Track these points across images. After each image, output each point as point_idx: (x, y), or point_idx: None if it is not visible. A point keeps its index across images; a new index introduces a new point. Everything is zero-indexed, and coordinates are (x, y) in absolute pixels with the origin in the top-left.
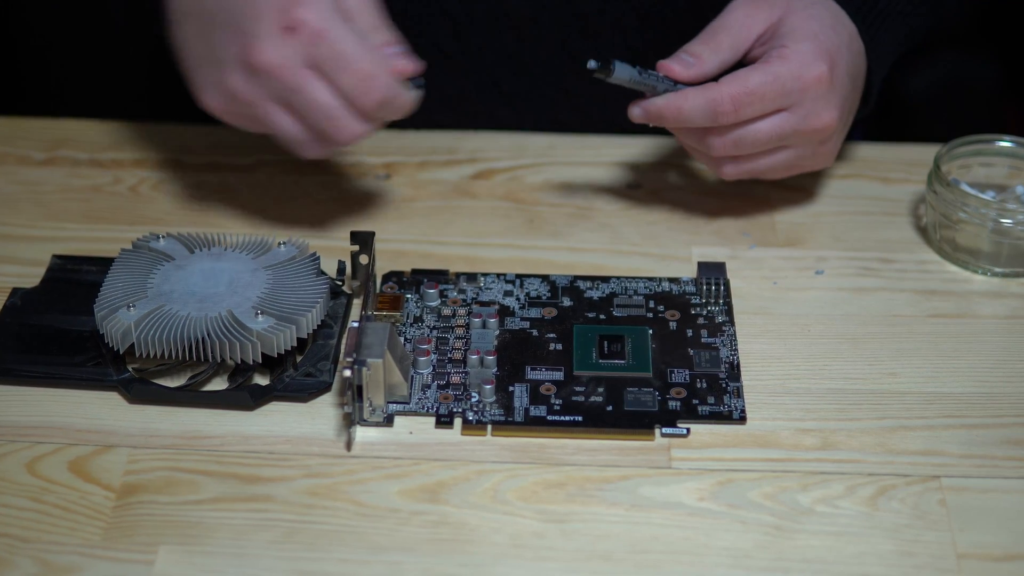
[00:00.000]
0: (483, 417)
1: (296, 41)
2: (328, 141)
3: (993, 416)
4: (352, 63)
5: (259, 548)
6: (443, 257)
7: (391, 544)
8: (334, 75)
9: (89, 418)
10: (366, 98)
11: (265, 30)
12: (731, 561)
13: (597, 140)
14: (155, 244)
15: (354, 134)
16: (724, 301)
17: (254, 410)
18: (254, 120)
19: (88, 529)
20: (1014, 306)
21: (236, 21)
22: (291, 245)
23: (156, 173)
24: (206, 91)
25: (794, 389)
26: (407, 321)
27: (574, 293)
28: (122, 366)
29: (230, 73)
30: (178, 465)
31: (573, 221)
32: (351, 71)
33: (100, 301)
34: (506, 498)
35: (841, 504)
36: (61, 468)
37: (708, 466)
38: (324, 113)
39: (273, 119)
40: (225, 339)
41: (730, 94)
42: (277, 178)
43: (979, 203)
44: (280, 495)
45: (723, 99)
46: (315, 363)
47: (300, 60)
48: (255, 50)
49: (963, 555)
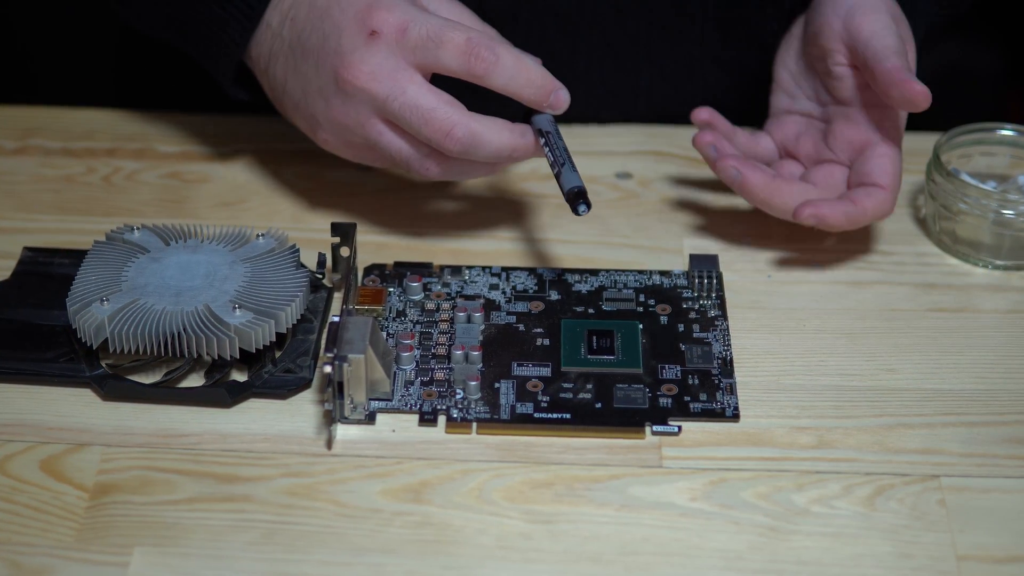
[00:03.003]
0: (468, 415)
1: (383, 43)
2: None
3: (994, 414)
4: (444, 36)
5: (237, 550)
6: (427, 249)
7: (373, 545)
8: (432, 58)
9: (61, 416)
10: (475, 62)
11: (349, 44)
12: (724, 563)
13: (586, 129)
14: (129, 236)
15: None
16: (717, 295)
17: (232, 407)
18: (369, 146)
19: (60, 530)
20: (1016, 300)
21: (321, 43)
22: (270, 237)
23: (130, 163)
24: (318, 128)
25: (789, 386)
26: (389, 315)
27: (562, 286)
28: (95, 362)
29: (330, 99)
30: (153, 464)
31: (561, 212)
32: (447, 45)
33: (73, 295)
34: (492, 498)
35: (837, 504)
36: (32, 467)
37: (700, 465)
38: (425, 112)
39: (384, 139)
40: (202, 334)
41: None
42: (255, 168)
43: (980, 194)
44: (258, 495)
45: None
46: (295, 359)
47: (391, 63)
48: (344, 66)
49: (963, 557)
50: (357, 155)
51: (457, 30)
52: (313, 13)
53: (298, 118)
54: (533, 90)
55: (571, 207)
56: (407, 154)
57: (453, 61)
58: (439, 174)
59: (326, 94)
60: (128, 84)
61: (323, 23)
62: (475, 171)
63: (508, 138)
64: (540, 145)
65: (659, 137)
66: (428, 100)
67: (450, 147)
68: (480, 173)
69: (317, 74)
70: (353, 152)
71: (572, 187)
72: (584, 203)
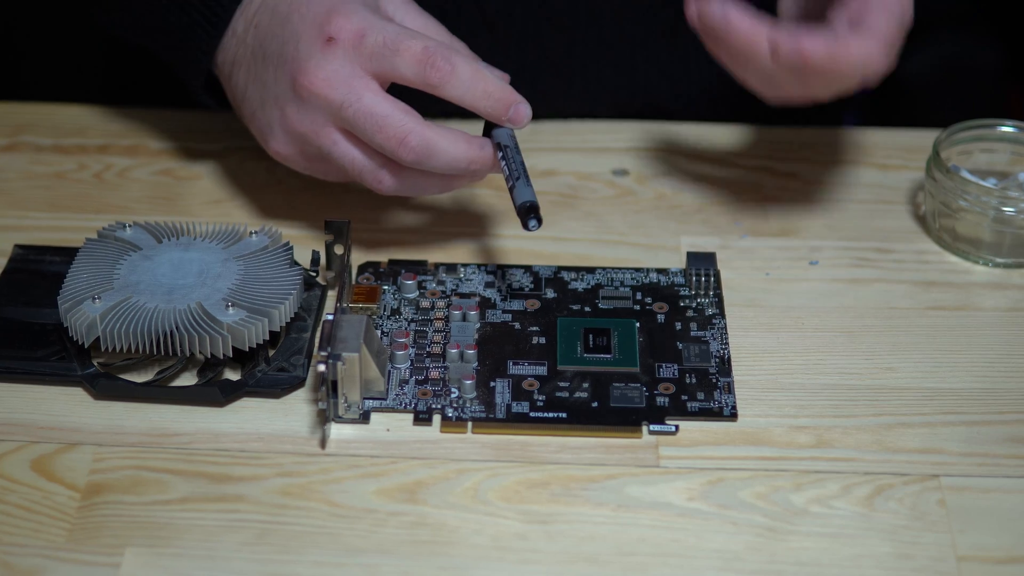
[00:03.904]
0: (463, 414)
1: (339, 50)
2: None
3: (994, 413)
4: (401, 44)
5: (230, 550)
6: (421, 247)
7: (367, 546)
8: (388, 66)
9: (52, 415)
10: (431, 71)
11: (306, 50)
12: (721, 564)
13: (582, 125)
14: (121, 233)
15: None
16: (714, 293)
17: (224, 406)
18: (322, 156)
19: (52, 530)
20: (1016, 298)
21: (280, 50)
22: (263, 234)
23: (122, 159)
24: (271, 137)
25: (787, 385)
26: (384, 314)
27: (558, 284)
28: (87, 360)
29: (286, 106)
30: (145, 464)
31: (557, 209)
32: (403, 53)
33: (64, 293)
34: (487, 498)
35: (836, 504)
36: (23, 467)
37: (698, 465)
38: (379, 119)
39: (338, 149)
40: (194, 332)
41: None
42: (248, 164)
43: (980, 191)
44: (252, 495)
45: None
46: (288, 357)
47: (347, 70)
48: (301, 72)
49: (963, 557)
50: (310, 166)
51: (415, 39)
52: (275, 20)
53: (254, 127)
54: (491, 103)
55: (522, 222)
56: (360, 164)
57: (409, 70)
58: (393, 186)
59: (282, 102)
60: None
61: (283, 30)
62: (431, 185)
63: (464, 149)
64: (498, 159)
65: (656, 134)
66: (383, 107)
67: (404, 155)
68: (436, 188)
69: (275, 81)
70: (306, 163)
71: (524, 201)
72: (535, 218)
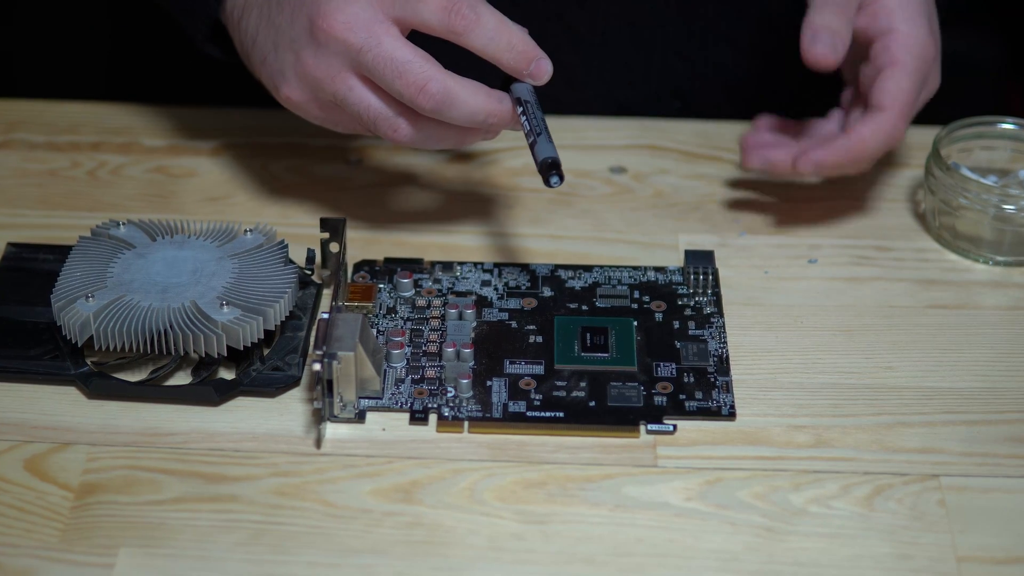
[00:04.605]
0: (459, 413)
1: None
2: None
3: (995, 412)
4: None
5: (224, 550)
6: (417, 245)
7: (363, 546)
8: (410, 12)
9: (46, 414)
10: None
11: None
12: (719, 564)
13: (579, 122)
14: (115, 231)
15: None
16: (712, 291)
17: (219, 406)
18: (337, 102)
19: (45, 531)
20: (1017, 296)
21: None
22: (258, 232)
23: (116, 157)
24: (283, 81)
25: (786, 384)
26: (379, 312)
27: (555, 283)
28: (80, 359)
29: (301, 50)
30: (139, 464)
31: (554, 207)
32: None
33: (57, 291)
34: (483, 498)
35: (835, 504)
36: (16, 467)
37: (695, 464)
38: (399, 65)
39: (353, 95)
40: (189, 331)
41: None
42: (243, 162)
43: (980, 188)
44: (246, 495)
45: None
46: (283, 356)
47: (368, 14)
48: (320, 15)
49: (963, 558)
50: (322, 115)
51: None
52: None
53: (264, 73)
54: (513, 55)
55: (543, 177)
56: (376, 111)
57: (432, 16)
58: (409, 135)
59: (298, 46)
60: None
61: None
62: (447, 137)
63: (484, 101)
64: (517, 114)
65: (654, 131)
66: (403, 53)
67: (423, 103)
68: (452, 141)
69: (291, 24)
70: (318, 110)
71: (546, 157)
72: (557, 175)
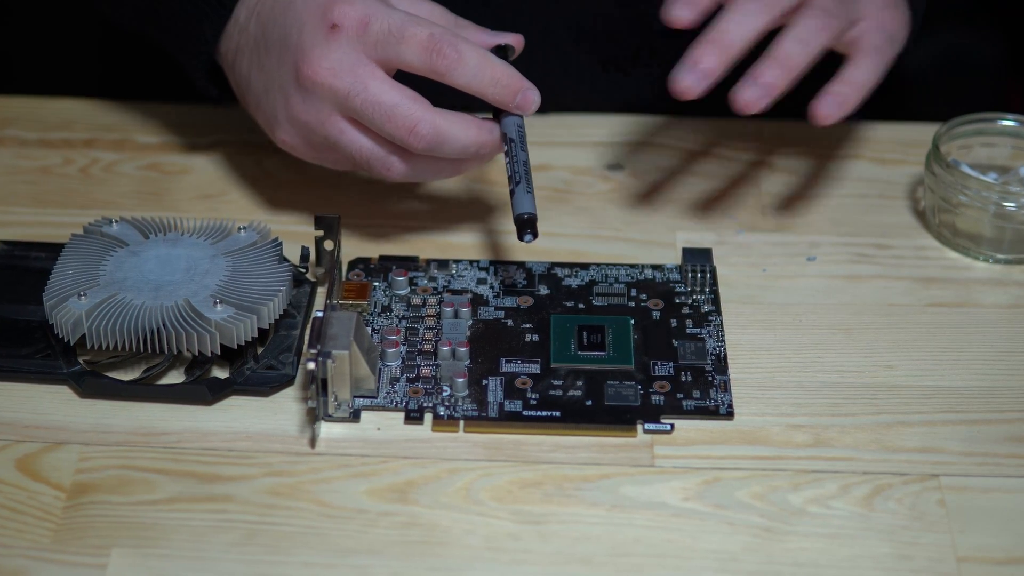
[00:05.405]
0: (455, 412)
1: (343, 38)
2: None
3: (995, 411)
4: (406, 31)
5: (218, 551)
6: (413, 243)
7: (358, 546)
8: (393, 54)
9: (38, 413)
10: (437, 59)
11: (310, 39)
12: (718, 565)
13: (575, 119)
14: (108, 229)
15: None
16: (710, 289)
17: (212, 405)
18: (329, 145)
19: (37, 531)
20: (1017, 294)
21: (283, 37)
22: (252, 230)
23: (109, 154)
24: (277, 126)
25: (784, 383)
26: (374, 310)
27: (551, 281)
28: (73, 358)
29: (290, 95)
30: (132, 463)
31: (550, 205)
32: (409, 41)
33: (49, 289)
34: (479, 498)
35: (834, 504)
36: (8, 466)
37: (693, 464)
38: (387, 109)
39: (345, 138)
40: (182, 330)
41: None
42: (237, 159)
43: (980, 186)
44: (240, 495)
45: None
46: (277, 355)
47: (352, 58)
48: (305, 62)
49: (963, 558)
50: (317, 156)
51: (420, 25)
52: (277, 7)
53: (259, 117)
54: (498, 89)
55: (517, 233)
56: (369, 152)
57: (415, 58)
58: (403, 173)
59: (286, 91)
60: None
61: (285, 17)
62: (440, 170)
63: (475, 134)
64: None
65: (650, 127)
66: (391, 96)
67: (414, 144)
68: (446, 172)
69: (278, 70)
70: (313, 152)
71: (522, 213)
72: (531, 232)
